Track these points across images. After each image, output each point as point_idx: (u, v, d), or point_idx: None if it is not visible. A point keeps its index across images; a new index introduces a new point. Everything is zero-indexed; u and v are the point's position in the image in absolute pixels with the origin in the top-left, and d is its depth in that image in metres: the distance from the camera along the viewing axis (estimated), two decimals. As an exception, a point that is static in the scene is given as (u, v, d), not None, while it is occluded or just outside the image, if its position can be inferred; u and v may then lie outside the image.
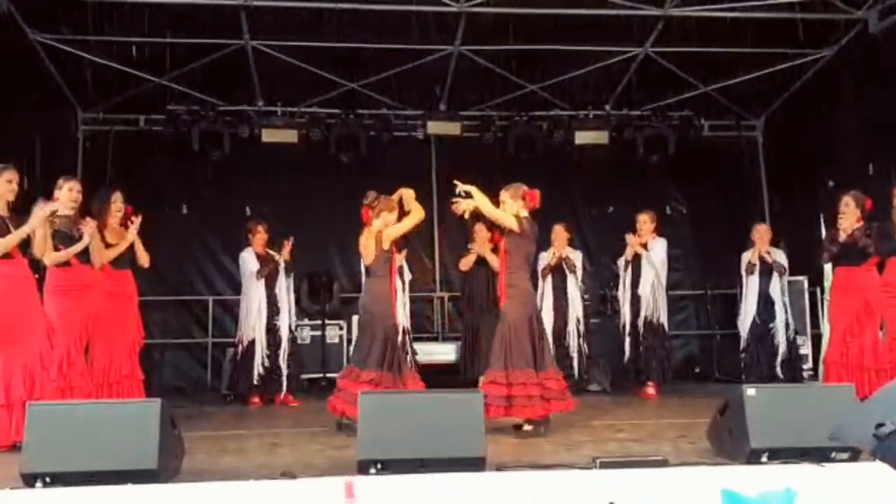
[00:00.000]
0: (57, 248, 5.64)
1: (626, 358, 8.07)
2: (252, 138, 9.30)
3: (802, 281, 8.89)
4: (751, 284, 8.02)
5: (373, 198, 5.93)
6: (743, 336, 8.12)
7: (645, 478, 3.72)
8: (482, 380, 5.77)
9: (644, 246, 8.04)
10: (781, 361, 7.95)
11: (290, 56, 8.60)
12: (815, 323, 8.99)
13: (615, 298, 8.63)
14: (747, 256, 8.12)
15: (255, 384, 7.61)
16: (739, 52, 8.76)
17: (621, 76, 9.34)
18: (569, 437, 5.38)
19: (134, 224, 6.48)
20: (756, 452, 4.15)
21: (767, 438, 4.16)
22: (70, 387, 5.56)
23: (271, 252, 7.80)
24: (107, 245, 6.29)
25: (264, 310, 7.67)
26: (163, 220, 8.63)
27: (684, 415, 6.51)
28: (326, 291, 8.99)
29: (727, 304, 9.62)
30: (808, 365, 8.61)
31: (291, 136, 9.34)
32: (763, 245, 8.04)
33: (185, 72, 8.84)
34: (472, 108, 9.86)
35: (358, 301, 6.23)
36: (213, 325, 9.64)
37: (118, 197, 6.54)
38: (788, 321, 8.09)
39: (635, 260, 8.08)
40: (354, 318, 7.29)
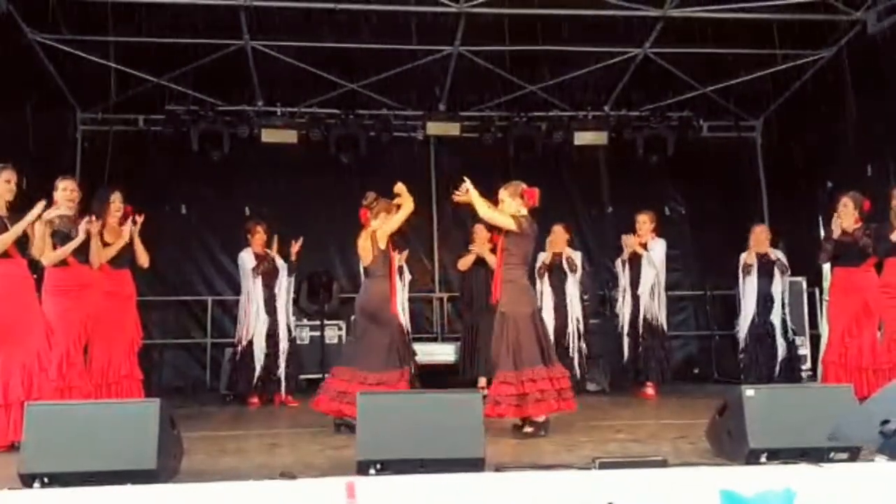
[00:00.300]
0: (55, 249, 5.64)
1: (626, 358, 8.08)
2: (252, 138, 9.29)
3: (801, 281, 8.88)
4: (748, 285, 8.00)
5: (371, 199, 5.94)
6: (742, 337, 8.11)
7: (644, 478, 3.71)
8: (482, 381, 5.76)
9: (644, 246, 8.04)
10: (780, 362, 7.94)
11: (290, 56, 8.60)
12: (813, 323, 8.99)
13: (614, 299, 8.63)
14: (744, 258, 8.13)
15: (255, 384, 7.61)
16: (738, 52, 8.79)
17: (620, 77, 9.35)
18: (568, 438, 5.38)
19: (136, 224, 6.49)
20: (755, 453, 4.14)
21: (766, 439, 4.16)
22: (69, 387, 5.57)
23: (270, 252, 7.80)
24: (105, 245, 6.29)
25: (263, 310, 7.67)
26: (162, 220, 8.62)
27: (683, 415, 6.51)
28: (326, 292, 8.98)
29: (726, 305, 9.61)
30: (807, 365, 8.61)
31: (291, 137, 9.34)
32: (759, 246, 8.03)
33: (185, 72, 8.84)
34: (472, 109, 9.87)
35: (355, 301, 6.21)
36: (212, 325, 9.65)
37: (117, 197, 6.54)
38: (787, 322, 8.09)
39: (634, 260, 8.08)
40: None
